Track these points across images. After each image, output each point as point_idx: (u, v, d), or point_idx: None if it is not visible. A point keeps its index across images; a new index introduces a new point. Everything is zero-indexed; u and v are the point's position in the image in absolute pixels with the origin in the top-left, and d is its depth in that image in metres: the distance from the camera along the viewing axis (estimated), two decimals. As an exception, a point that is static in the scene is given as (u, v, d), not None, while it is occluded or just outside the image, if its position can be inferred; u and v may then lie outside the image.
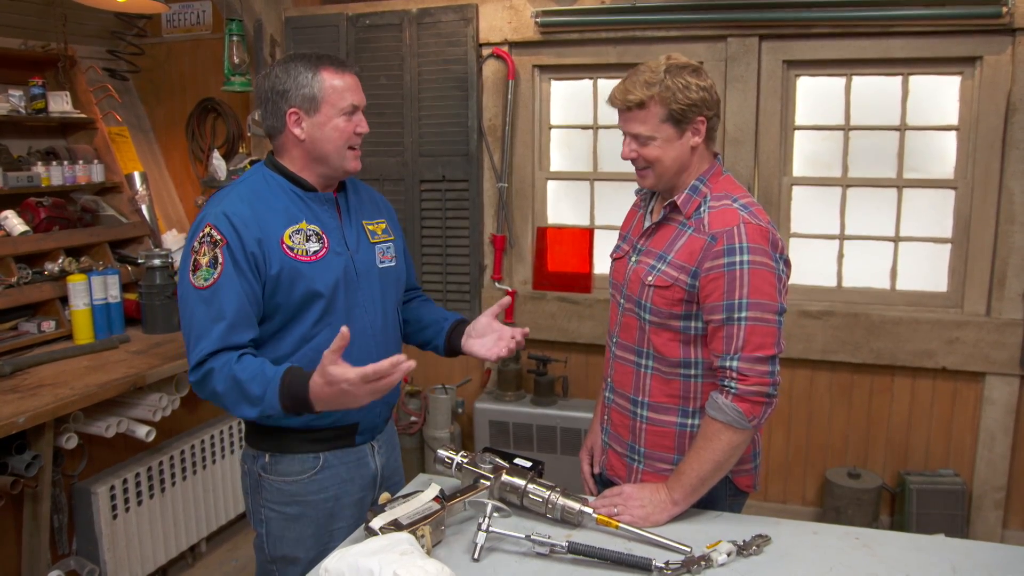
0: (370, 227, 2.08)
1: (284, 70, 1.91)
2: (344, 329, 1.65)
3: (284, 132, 1.93)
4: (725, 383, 1.76)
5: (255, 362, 1.80)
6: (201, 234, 1.86)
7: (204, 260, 1.84)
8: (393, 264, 2.11)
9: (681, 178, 1.88)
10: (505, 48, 3.83)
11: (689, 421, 1.90)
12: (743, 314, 1.74)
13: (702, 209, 1.84)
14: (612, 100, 1.85)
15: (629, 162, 1.91)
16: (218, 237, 1.84)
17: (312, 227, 1.94)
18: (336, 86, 1.91)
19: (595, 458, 2.18)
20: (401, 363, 1.66)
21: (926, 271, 3.56)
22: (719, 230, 1.77)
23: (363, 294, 2.00)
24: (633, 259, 1.95)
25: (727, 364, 1.75)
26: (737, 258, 1.74)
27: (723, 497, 1.94)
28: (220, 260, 1.83)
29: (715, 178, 1.88)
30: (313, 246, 1.93)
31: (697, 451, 1.79)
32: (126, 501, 3.15)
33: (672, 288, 1.82)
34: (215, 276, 1.82)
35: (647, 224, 1.97)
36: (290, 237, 1.90)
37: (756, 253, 1.75)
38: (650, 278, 1.86)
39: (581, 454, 2.23)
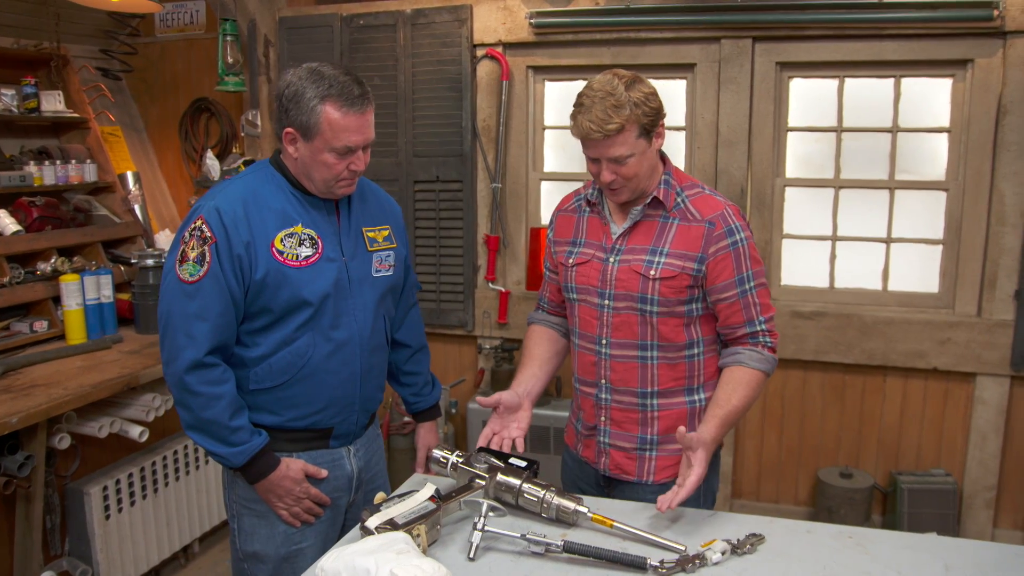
0: (370, 234, 2.06)
1: (294, 87, 1.84)
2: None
3: (283, 142, 1.92)
4: (760, 340, 1.97)
5: (244, 417, 1.92)
6: (192, 226, 1.87)
7: (192, 254, 1.85)
8: (390, 274, 2.09)
9: (649, 180, 1.95)
10: (499, 49, 3.83)
11: (696, 397, 2.03)
12: (752, 284, 1.95)
13: (679, 200, 1.97)
14: (588, 132, 1.83)
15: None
16: (208, 234, 1.85)
17: (307, 231, 1.94)
18: (335, 124, 1.83)
19: (501, 401, 2.06)
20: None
21: (918, 272, 3.58)
22: (713, 215, 1.93)
23: (354, 302, 2.00)
24: (612, 260, 1.98)
25: (757, 328, 1.96)
26: (736, 237, 1.93)
27: (714, 465, 2.07)
28: (207, 259, 1.84)
29: (674, 171, 2.01)
30: (305, 251, 1.92)
31: (742, 398, 1.91)
32: (119, 501, 3.14)
33: (679, 277, 1.92)
34: (200, 274, 1.84)
35: (617, 226, 2.00)
36: (282, 241, 1.90)
37: (745, 229, 1.95)
38: (653, 271, 1.92)
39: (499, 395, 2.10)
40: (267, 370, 1.94)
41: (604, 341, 2.02)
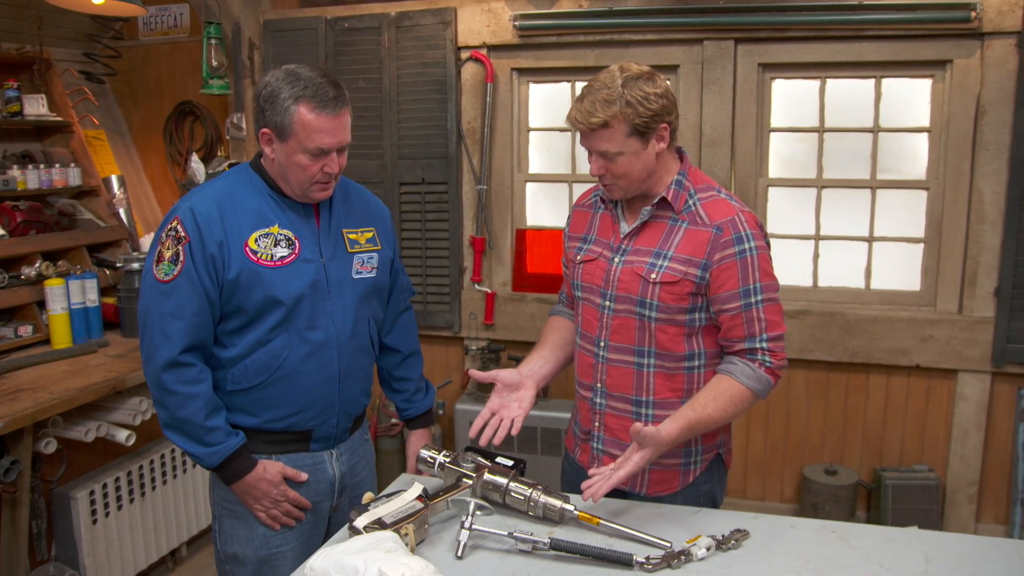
0: (351, 235, 2.05)
1: (270, 88, 1.85)
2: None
3: (261, 143, 1.93)
4: (758, 358, 1.86)
5: (220, 418, 1.93)
6: (168, 227, 1.90)
7: (168, 254, 1.88)
8: (372, 276, 2.08)
9: (650, 181, 1.89)
10: (484, 51, 3.84)
11: None
12: (759, 297, 1.85)
13: (691, 202, 1.89)
14: (573, 122, 1.81)
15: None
16: (182, 234, 1.87)
17: (284, 232, 1.94)
18: (308, 125, 1.82)
19: (498, 377, 2.02)
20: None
21: (900, 270, 3.62)
22: (722, 220, 1.85)
23: (333, 303, 1.99)
24: (616, 260, 1.93)
25: (757, 345, 1.86)
26: (745, 245, 1.84)
27: (719, 479, 2.05)
28: (181, 258, 1.86)
29: (690, 171, 1.93)
30: (281, 251, 1.92)
31: (719, 409, 1.82)
32: (106, 506, 3.13)
33: (681, 283, 1.85)
34: (175, 273, 1.86)
35: (627, 225, 1.95)
36: (256, 241, 1.90)
37: (758, 239, 1.86)
38: (654, 275, 1.86)
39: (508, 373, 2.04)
40: (243, 371, 1.94)
41: (602, 343, 1.97)
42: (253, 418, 1.98)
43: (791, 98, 3.65)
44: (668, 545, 1.67)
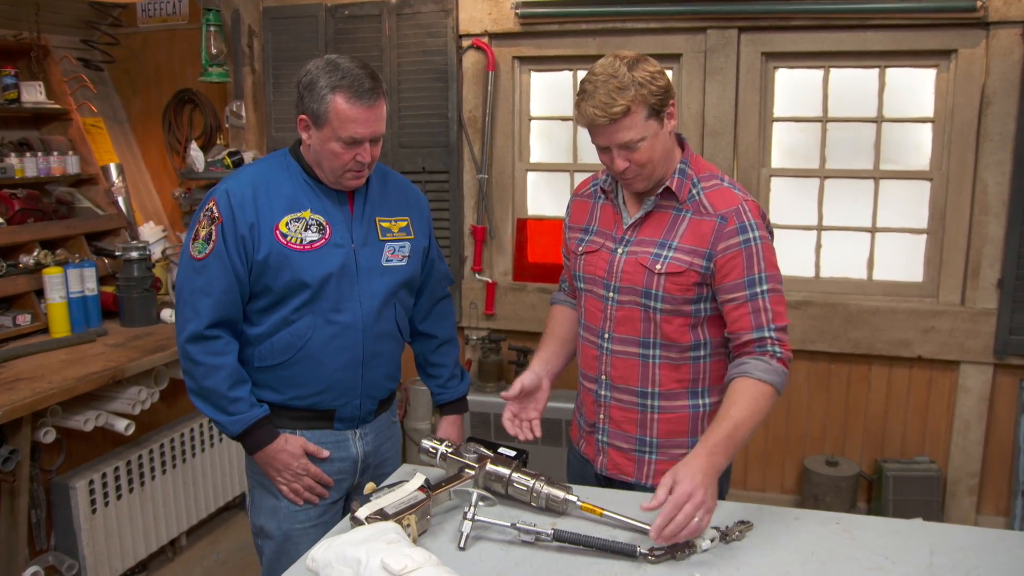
0: (384, 223, 2.09)
1: (310, 76, 1.90)
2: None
3: (299, 129, 1.98)
4: (767, 349, 1.82)
5: (244, 389, 2.00)
6: (206, 207, 1.98)
7: (203, 233, 1.97)
8: (403, 264, 2.11)
9: (665, 165, 1.87)
10: (485, 39, 3.82)
11: (700, 402, 1.95)
12: (764, 287, 1.83)
13: (694, 192, 1.87)
14: (593, 118, 1.75)
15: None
16: (216, 214, 1.95)
17: (316, 217, 2.00)
18: (342, 114, 1.87)
19: (523, 388, 2.01)
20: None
21: (902, 261, 3.61)
22: (726, 210, 1.83)
23: (361, 288, 2.03)
24: (620, 251, 1.91)
25: (765, 335, 1.83)
26: (750, 235, 1.82)
27: (726, 474, 1.99)
28: (214, 237, 1.94)
29: (692, 159, 1.92)
30: (311, 236, 1.98)
31: (750, 413, 1.75)
32: (105, 495, 3.12)
33: (686, 273, 1.84)
34: (207, 251, 1.94)
35: (629, 215, 1.93)
36: (287, 224, 1.97)
37: (762, 228, 1.85)
38: (659, 266, 1.85)
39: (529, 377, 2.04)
40: (269, 349, 2.02)
41: (607, 335, 1.95)
42: (278, 394, 2.05)
43: (794, 87, 3.63)
44: (672, 537, 1.66)
